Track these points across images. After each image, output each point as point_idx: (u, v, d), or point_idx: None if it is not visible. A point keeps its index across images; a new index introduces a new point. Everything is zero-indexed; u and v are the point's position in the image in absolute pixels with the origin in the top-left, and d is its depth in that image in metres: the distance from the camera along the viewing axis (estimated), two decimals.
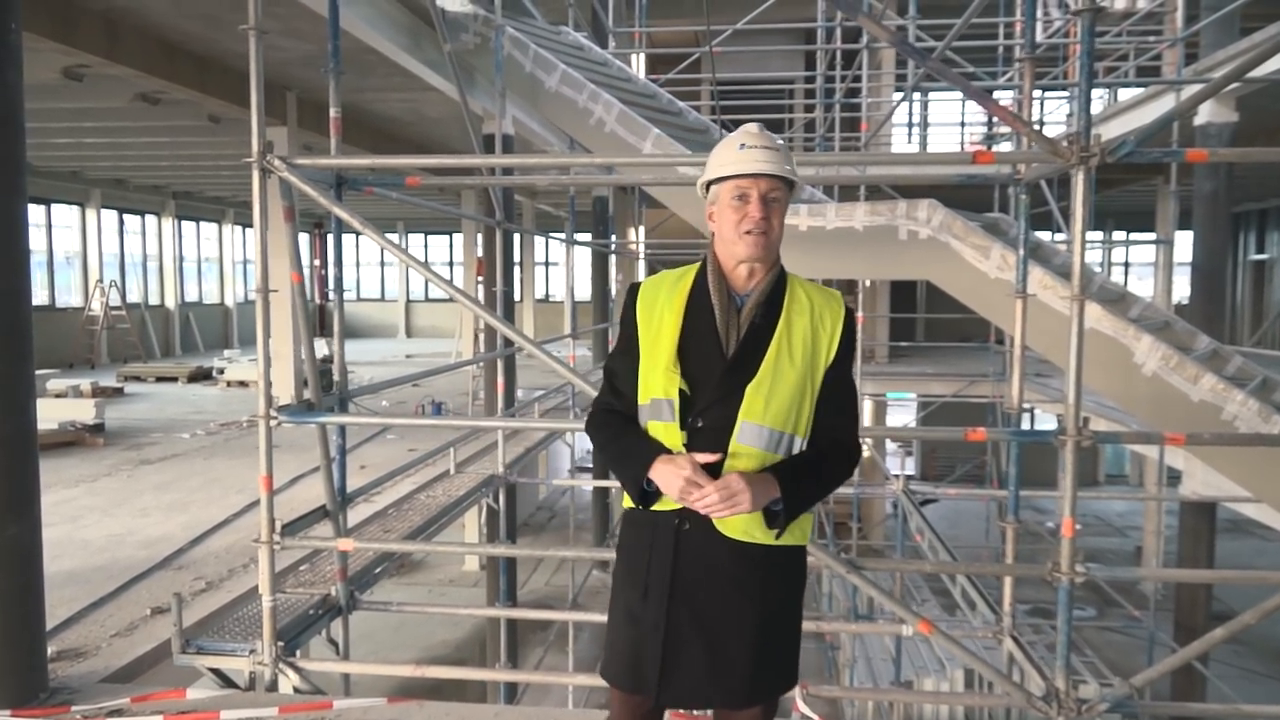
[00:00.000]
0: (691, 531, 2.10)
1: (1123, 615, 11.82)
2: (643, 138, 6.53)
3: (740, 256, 2.11)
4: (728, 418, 2.06)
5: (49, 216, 18.63)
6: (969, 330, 13.50)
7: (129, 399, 13.58)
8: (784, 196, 2.14)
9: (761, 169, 2.09)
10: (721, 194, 2.14)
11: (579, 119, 6.84)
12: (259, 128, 3.81)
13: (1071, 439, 3.25)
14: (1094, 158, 3.23)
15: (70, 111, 11.74)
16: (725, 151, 2.16)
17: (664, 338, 2.13)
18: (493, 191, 7.00)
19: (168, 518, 6.56)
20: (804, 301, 2.15)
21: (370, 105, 12.01)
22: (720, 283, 2.15)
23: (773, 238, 2.12)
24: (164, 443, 9.75)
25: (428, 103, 11.50)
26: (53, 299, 18.80)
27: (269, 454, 3.92)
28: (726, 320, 2.12)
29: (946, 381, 12.24)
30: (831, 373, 2.12)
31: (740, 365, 2.09)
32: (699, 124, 7.99)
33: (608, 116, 6.64)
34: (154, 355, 20.30)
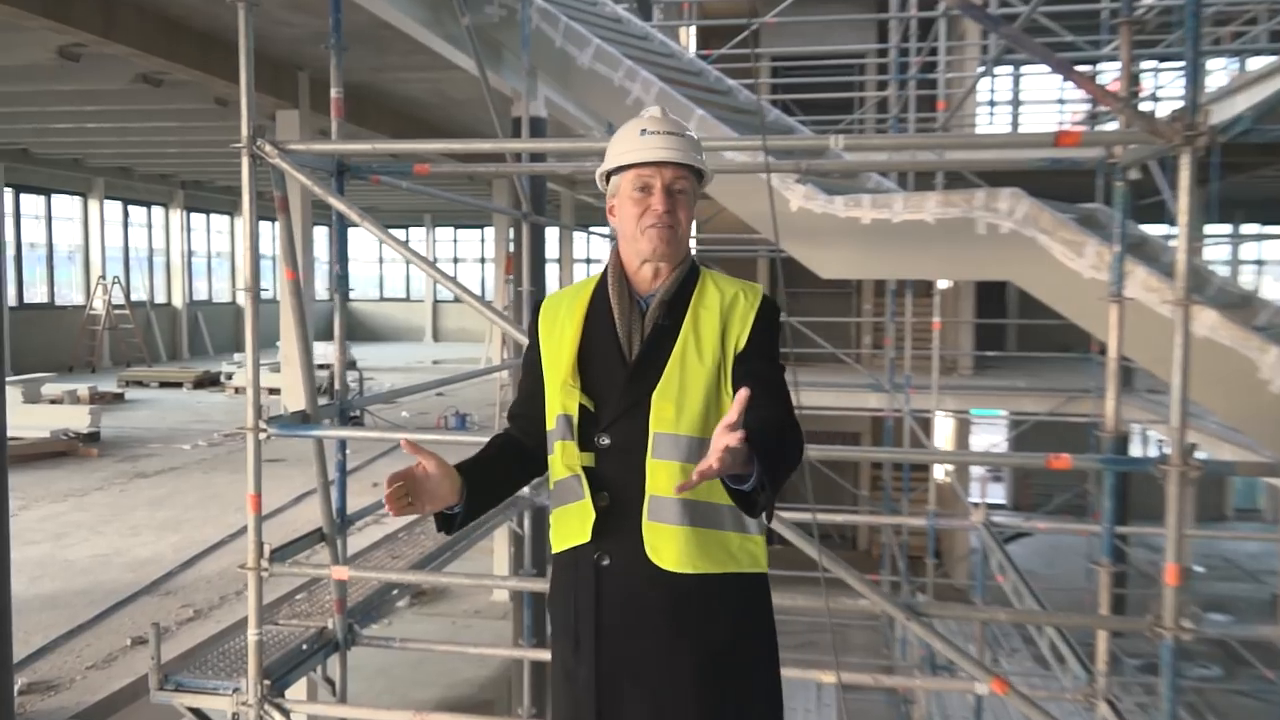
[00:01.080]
0: (612, 567, 2.06)
1: (1254, 676, 11.43)
2: (686, 119, 6.49)
3: (644, 254, 2.12)
4: (638, 431, 2.05)
5: (49, 207, 19.10)
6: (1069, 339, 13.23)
7: (129, 406, 13.85)
8: (691, 188, 2.14)
9: (664, 156, 2.10)
10: (621, 186, 2.15)
11: (614, 99, 6.82)
12: (248, 109, 3.84)
13: (1175, 469, 3.12)
14: (1201, 137, 3.11)
15: (69, 94, 12.02)
16: (625, 139, 2.16)
17: (563, 351, 2.15)
18: (517, 180, 7.00)
19: (159, 537, 6.65)
20: (714, 295, 2.15)
21: (389, 86, 12.13)
22: (622, 285, 2.16)
23: (679, 232, 2.12)
24: (162, 454, 9.91)
25: (452, 83, 11.58)
26: (52, 296, 19.28)
27: (258, 469, 3.94)
28: (629, 325, 2.13)
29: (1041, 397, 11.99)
30: (745, 352, 2.08)
31: (644, 372, 2.08)
32: (750, 104, 7.92)
33: (646, 96, 6.62)
34: (159, 358, 20.72)
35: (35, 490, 8.04)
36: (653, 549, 2.03)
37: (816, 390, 11.75)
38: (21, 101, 12.40)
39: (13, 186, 17.86)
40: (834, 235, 6.04)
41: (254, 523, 3.94)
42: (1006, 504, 20.38)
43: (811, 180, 5.89)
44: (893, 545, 11.19)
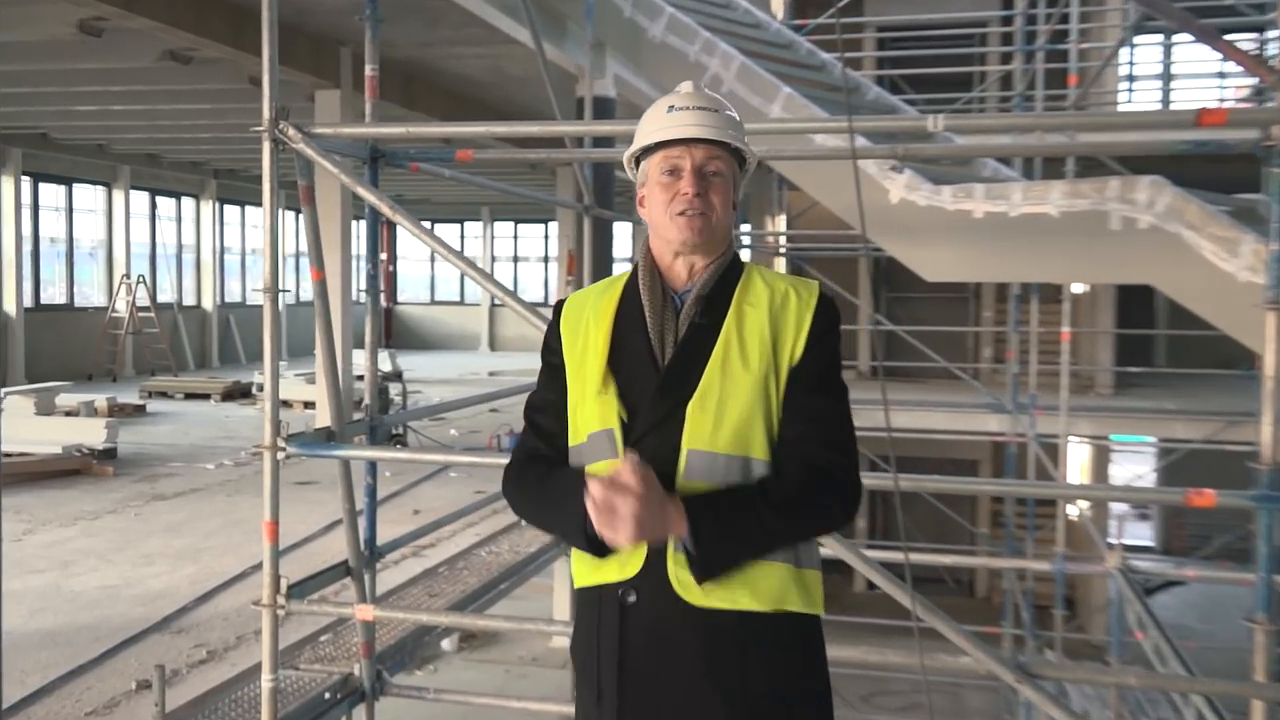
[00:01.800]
0: (639, 604, 2.03)
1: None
2: (770, 99, 6.47)
3: (674, 244, 2.12)
4: (668, 447, 2.02)
5: (70, 198, 19.75)
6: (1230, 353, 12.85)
7: (150, 419, 14.24)
8: (728, 170, 2.13)
9: (694, 133, 2.09)
10: (650, 170, 2.15)
11: (689, 76, 6.79)
12: (271, 87, 3.91)
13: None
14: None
15: (91, 73, 12.43)
16: (652, 117, 2.17)
17: (591, 357, 2.13)
18: (578, 169, 7.03)
19: (175, 567, 6.80)
20: (761, 291, 2.13)
21: (441, 62, 12.31)
22: (654, 280, 2.14)
23: (714, 219, 2.10)
24: (184, 474, 10.16)
25: (510, 59, 11.71)
26: (71, 297, 19.93)
27: (275, 492, 4.00)
28: (661, 324, 2.11)
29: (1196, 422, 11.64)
30: (799, 371, 2.06)
31: (678, 377, 2.06)
32: (850, 81, 7.86)
33: (725, 72, 6.61)
34: (186, 366, 21.28)
35: (42, 512, 8.29)
36: (680, 582, 2.00)
37: (926, 411, 11.58)
38: (41, 81, 12.86)
39: (31, 175, 18.49)
40: (941, 231, 5.95)
41: (270, 553, 3.99)
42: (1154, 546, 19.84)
43: (914, 167, 5.81)
44: (1015, 592, 10.97)
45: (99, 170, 20.13)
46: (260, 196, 25.90)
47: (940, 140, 6.44)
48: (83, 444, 10.39)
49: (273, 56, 3.97)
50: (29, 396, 12.28)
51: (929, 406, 11.63)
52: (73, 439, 10.46)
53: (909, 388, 12.96)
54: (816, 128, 4.03)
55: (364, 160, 4.51)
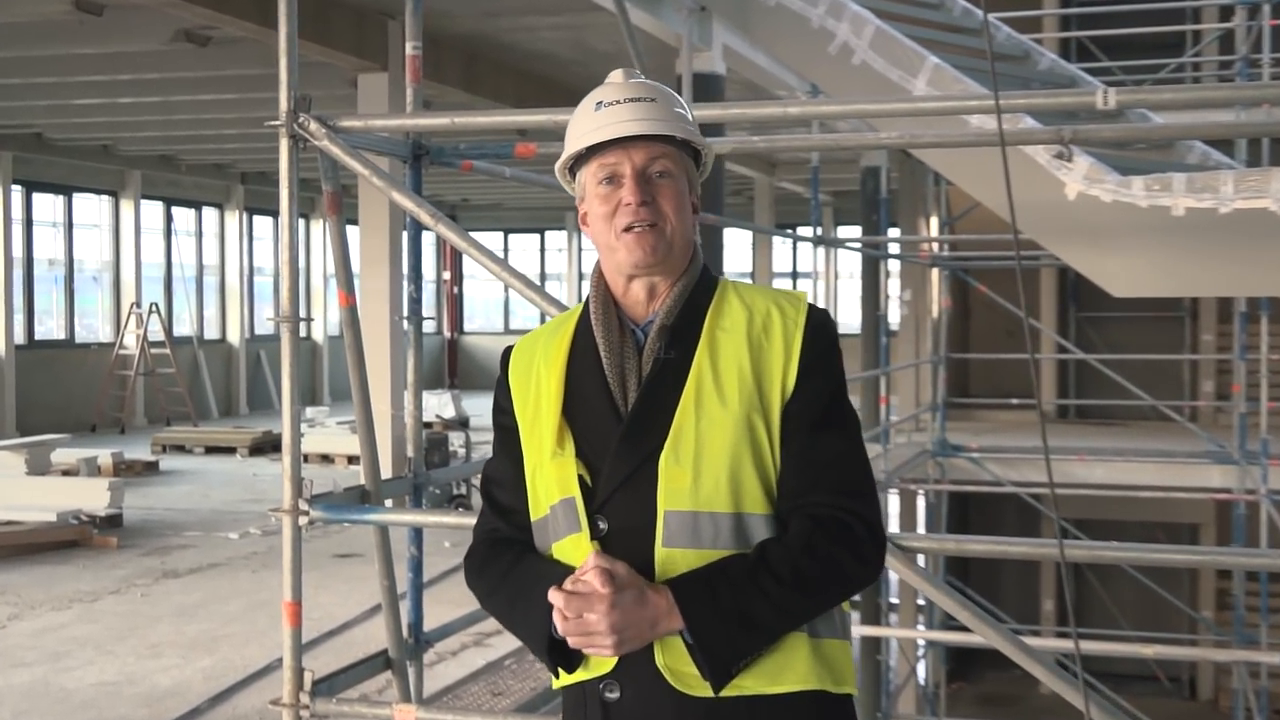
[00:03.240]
0: (623, 702, 2.09)
1: None
2: (913, 72, 6.47)
3: (626, 267, 2.17)
4: (641, 510, 2.08)
5: (69, 211, 20.50)
6: None
7: (163, 478, 14.68)
8: (678, 168, 2.19)
9: (629, 130, 2.15)
10: (586, 181, 2.22)
11: (813, 45, 6.87)
12: (289, 71, 4.06)
13: None
14: None
15: (92, 60, 12.93)
16: (579, 119, 2.23)
17: (544, 412, 2.20)
18: None
19: (187, 660, 7.00)
20: (737, 312, 2.18)
21: (509, 36, 12.53)
22: (608, 312, 2.21)
23: (668, 230, 2.16)
24: (201, 545, 10.45)
25: (595, 29, 11.87)
26: (71, 332, 20.64)
27: (297, 566, 4.12)
28: (621, 363, 2.17)
29: None
30: (795, 406, 2.12)
31: (644, 425, 2.12)
32: (1014, 47, 7.84)
33: (857, 40, 6.64)
34: (208, 414, 21.85)
35: (33, 593, 8.59)
36: (671, 672, 2.05)
37: (1129, 462, 11.40)
38: (32, 70, 13.40)
39: (23, 184, 19.21)
40: (1133, 234, 5.89)
41: (291, 641, 4.11)
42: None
43: (1093, 153, 5.77)
44: (1248, 693, 10.70)
45: (104, 176, 20.81)
46: (297, 204, 26.39)
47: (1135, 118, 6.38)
48: (82, 510, 10.74)
49: (291, 32, 4.13)
50: (19, 453, 12.72)
51: (1132, 456, 11.43)
52: (70, 504, 10.81)
53: (1106, 432, 12.77)
54: (955, 107, 4.04)
55: (404, 159, 4.64)
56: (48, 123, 17.74)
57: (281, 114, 4.10)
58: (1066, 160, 5.00)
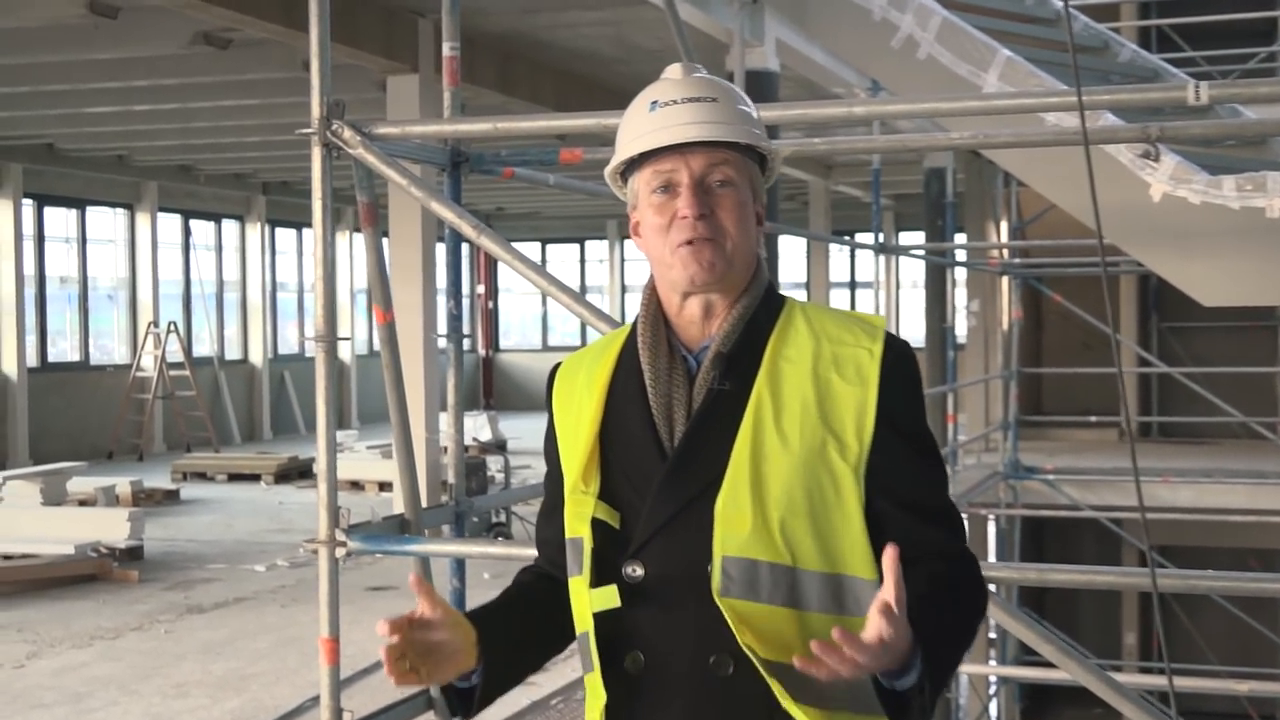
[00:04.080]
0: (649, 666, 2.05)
1: None
2: (983, 66, 6.45)
3: (681, 285, 2.10)
4: (686, 557, 2.02)
5: (82, 225, 20.69)
6: None
7: (185, 508, 14.76)
8: (742, 176, 2.11)
9: (687, 135, 2.08)
10: (639, 189, 2.15)
11: (875, 38, 6.86)
12: (321, 75, 4.09)
13: None
14: None
15: (107, 65, 13.06)
16: (632, 120, 2.15)
17: (579, 440, 2.15)
18: None
19: (215, 700, 7.03)
20: (803, 339, 2.10)
21: (548, 34, 12.57)
22: (658, 334, 2.14)
23: (729, 245, 2.09)
24: (226, 578, 10.49)
25: (639, 25, 11.89)
26: (85, 354, 20.81)
27: (334, 602, 4.13)
28: (669, 392, 2.11)
29: None
30: (877, 456, 2.03)
31: (689, 464, 2.05)
32: (1093, 38, 7.80)
33: (922, 33, 6.63)
34: (230, 439, 21.97)
35: (51, 630, 8.65)
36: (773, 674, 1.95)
37: (1218, 484, 11.31)
38: (44, 78, 13.55)
39: (34, 197, 19.38)
40: (1224, 238, 5.85)
41: (330, 680, 4.12)
42: None
43: (1181, 151, 5.74)
44: None
45: (119, 189, 20.98)
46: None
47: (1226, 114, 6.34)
48: (101, 542, 10.81)
49: (323, 34, 4.17)
50: (34, 481, 12.82)
51: (1221, 477, 11.35)
52: (88, 536, 10.88)
53: (1192, 452, 12.68)
54: (1035, 104, 4.03)
55: (442, 167, 4.67)
56: (59, 132, 17.90)
57: (313, 121, 4.13)
58: (1153, 159, 4.99)
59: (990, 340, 15.26)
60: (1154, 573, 3.58)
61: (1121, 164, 5.86)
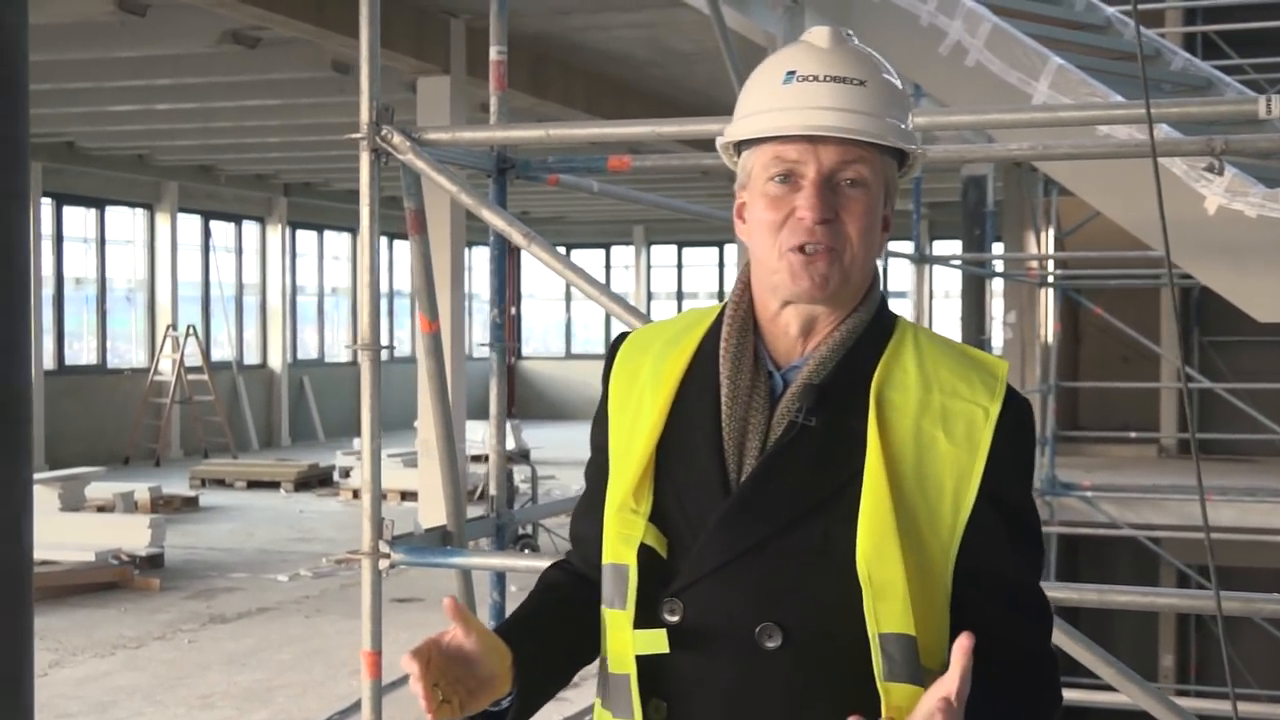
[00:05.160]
0: None
1: None
2: (1034, 74, 6.42)
3: (782, 292, 1.87)
4: (737, 609, 1.83)
5: (101, 226, 20.77)
6: None
7: (204, 515, 14.81)
8: (876, 178, 1.86)
9: (823, 122, 1.82)
10: (753, 168, 1.90)
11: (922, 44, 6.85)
12: (371, 79, 4.09)
13: None
14: None
15: (132, 63, 13.12)
16: (758, 87, 1.91)
17: (635, 447, 1.93)
18: None
19: (241, 711, 7.05)
20: (912, 379, 1.87)
21: (581, 36, 12.60)
22: (744, 339, 1.92)
23: (848, 259, 1.84)
24: (248, 587, 10.52)
25: (674, 28, 11.91)
26: (103, 356, 20.89)
27: (377, 614, 4.14)
28: (745, 413, 1.88)
29: None
30: (974, 535, 1.83)
31: (754, 505, 1.84)
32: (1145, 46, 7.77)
33: (971, 39, 6.61)
34: (248, 445, 22.03)
35: (73, 638, 8.68)
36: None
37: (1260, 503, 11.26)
38: (68, 75, 13.61)
39: (53, 196, 19.46)
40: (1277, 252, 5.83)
41: (371, 693, 4.14)
42: None
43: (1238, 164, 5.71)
44: None
45: (139, 189, 21.09)
46: (340, 217, 26.10)
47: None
48: (122, 549, 10.84)
49: (374, 37, 4.18)
50: (52, 487, 12.86)
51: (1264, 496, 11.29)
52: (109, 543, 10.92)
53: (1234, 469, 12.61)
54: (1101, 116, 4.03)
55: (488, 173, 4.68)
56: (80, 130, 17.99)
57: (362, 125, 4.15)
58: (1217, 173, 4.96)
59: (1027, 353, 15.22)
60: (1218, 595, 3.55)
61: (1175, 175, 5.84)
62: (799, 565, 1.82)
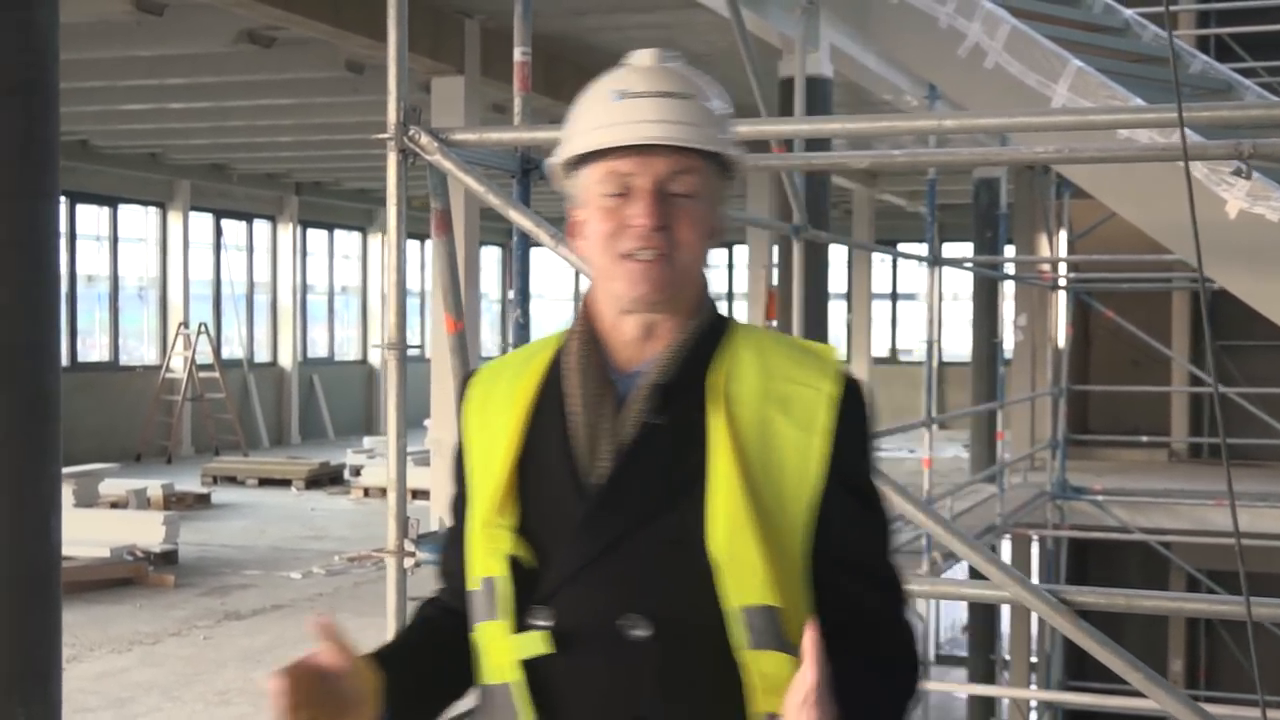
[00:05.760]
0: None
1: None
2: (1053, 77, 6.44)
3: (623, 301, 1.95)
4: (605, 609, 1.89)
5: (114, 224, 20.78)
6: None
7: (216, 512, 14.81)
8: (705, 187, 1.96)
9: (654, 135, 1.91)
10: (588, 185, 1.98)
11: (940, 47, 6.86)
12: (399, 80, 4.10)
13: None
14: None
15: (147, 62, 13.14)
16: (589, 108, 1.99)
17: (494, 466, 1.99)
18: (786, 178, 7.12)
19: (258, 708, 7.02)
20: (750, 372, 1.96)
21: (594, 37, 12.59)
22: (589, 352, 1.99)
23: (681, 263, 1.94)
24: (262, 585, 10.52)
25: (689, 29, 11.91)
26: (115, 353, 20.91)
27: (402, 613, 4.13)
28: (593, 422, 1.95)
29: None
30: (829, 506, 1.92)
31: (612, 506, 1.91)
32: (1162, 48, 7.78)
33: (990, 41, 6.63)
34: (258, 443, 22.04)
35: (89, 633, 8.69)
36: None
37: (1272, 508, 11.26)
38: (83, 74, 13.61)
39: (66, 194, 19.42)
40: None
41: None
42: None
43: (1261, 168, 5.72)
44: None
45: (151, 187, 21.08)
46: (350, 216, 26.04)
47: None
48: (136, 545, 10.85)
49: (401, 37, 4.18)
50: (67, 483, 12.76)
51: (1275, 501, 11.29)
52: (123, 539, 10.91)
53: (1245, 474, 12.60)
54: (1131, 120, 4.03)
55: (511, 173, 4.69)
56: (94, 129, 17.99)
57: (390, 126, 4.16)
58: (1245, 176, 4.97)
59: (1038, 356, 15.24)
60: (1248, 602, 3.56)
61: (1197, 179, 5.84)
62: (657, 556, 1.89)
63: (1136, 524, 12.67)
